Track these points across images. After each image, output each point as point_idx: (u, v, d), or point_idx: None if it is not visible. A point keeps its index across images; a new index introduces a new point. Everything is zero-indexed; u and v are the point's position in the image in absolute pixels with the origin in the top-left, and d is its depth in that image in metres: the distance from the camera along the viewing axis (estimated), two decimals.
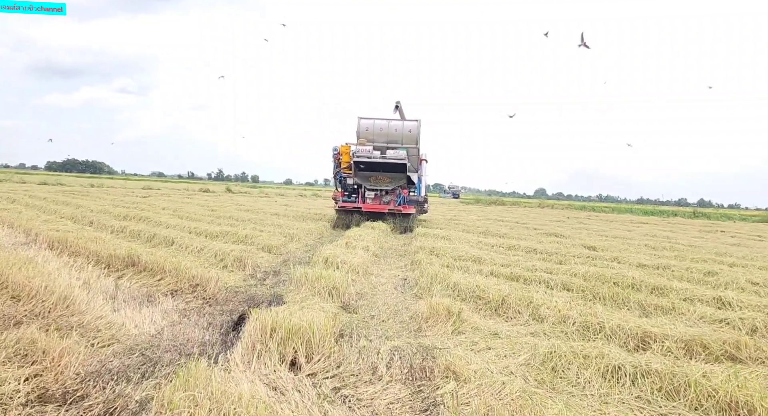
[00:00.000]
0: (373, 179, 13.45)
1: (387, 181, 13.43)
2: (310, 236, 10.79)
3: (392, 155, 12.77)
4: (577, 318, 4.34)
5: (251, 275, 6.37)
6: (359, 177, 13.38)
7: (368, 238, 9.93)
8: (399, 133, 13.66)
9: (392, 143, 13.53)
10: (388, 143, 13.55)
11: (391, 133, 13.66)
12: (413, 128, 13.73)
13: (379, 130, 13.62)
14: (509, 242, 10.26)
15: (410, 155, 13.27)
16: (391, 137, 13.64)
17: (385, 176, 13.32)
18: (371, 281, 6.42)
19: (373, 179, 13.44)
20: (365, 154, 12.77)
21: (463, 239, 10.62)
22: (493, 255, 8.03)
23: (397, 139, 13.63)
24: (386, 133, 13.65)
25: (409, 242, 10.86)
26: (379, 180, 13.44)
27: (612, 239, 12.84)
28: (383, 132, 13.63)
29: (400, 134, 13.66)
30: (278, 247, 8.42)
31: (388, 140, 13.61)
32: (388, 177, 13.35)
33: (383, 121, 13.86)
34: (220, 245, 7.72)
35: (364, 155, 12.75)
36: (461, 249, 8.45)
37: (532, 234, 12.88)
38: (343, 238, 9.78)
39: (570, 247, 10.15)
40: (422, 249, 8.75)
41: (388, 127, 13.70)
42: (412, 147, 13.55)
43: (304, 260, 7.76)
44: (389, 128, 13.69)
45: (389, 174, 13.24)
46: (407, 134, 13.67)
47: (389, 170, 13.08)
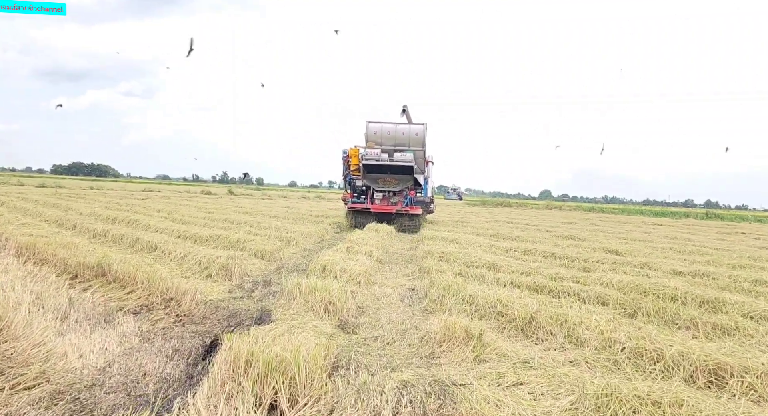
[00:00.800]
0: (381, 180, 13.75)
1: (394, 182, 13.72)
2: (309, 240, 10.04)
3: (399, 158, 13.08)
4: (626, 341, 3.55)
5: (238, 285, 5.61)
6: (368, 179, 13.71)
7: (371, 242, 9.17)
8: (406, 136, 13.89)
9: (399, 146, 13.80)
10: (396, 145, 13.83)
11: (398, 136, 13.90)
12: (420, 131, 13.95)
13: (386, 133, 13.91)
14: (524, 245, 9.46)
15: (417, 157, 13.55)
16: (399, 140, 13.87)
17: (393, 177, 13.61)
18: (374, 292, 5.65)
19: (381, 180, 13.75)
20: (373, 156, 13.10)
21: (474, 243, 9.83)
22: (509, 261, 7.23)
23: (405, 142, 13.87)
24: (394, 136, 13.90)
25: (415, 246, 10.09)
26: (387, 182, 13.75)
27: (632, 242, 12.00)
28: (391, 135, 13.90)
29: (407, 137, 13.88)
30: (273, 252, 7.66)
31: (396, 143, 13.87)
32: (395, 179, 13.63)
33: (391, 124, 14.08)
34: (208, 250, 6.98)
35: (373, 158, 13.08)
36: (473, 254, 7.65)
37: (547, 237, 12.07)
38: (345, 242, 9.02)
39: (591, 251, 9.34)
40: (431, 254, 7.98)
41: (395, 130, 13.96)
42: (418, 150, 13.79)
43: (300, 267, 7.00)
44: (396, 131, 13.95)
45: (397, 176, 13.52)
46: (414, 137, 13.87)
47: (397, 172, 13.38)
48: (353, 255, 7.33)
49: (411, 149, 13.66)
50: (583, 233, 13.64)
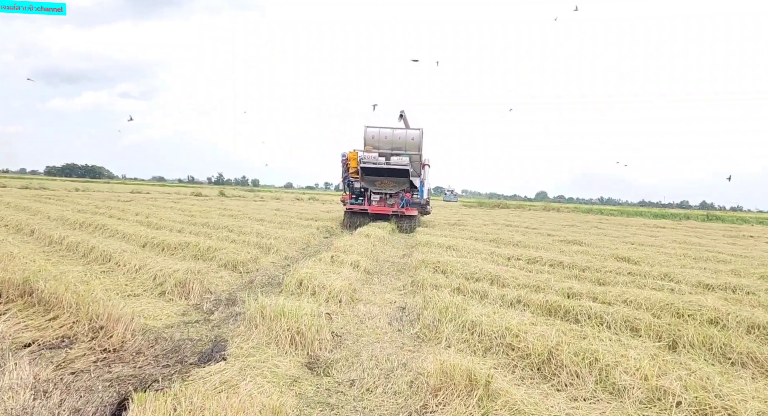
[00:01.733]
0: (378, 183, 14.11)
1: (391, 185, 14.10)
2: (292, 246, 9.15)
3: (396, 161, 13.36)
4: (680, 392, 2.69)
5: (195, 305, 4.72)
6: (366, 181, 14.08)
7: (360, 249, 8.30)
8: (403, 140, 14.18)
9: (396, 150, 14.07)
10: (393, 149, 14.09)
11: (395, 140, 14.19)
12: (416, 136, 14.21)
13: (384, 138, 14.20)
14: (527, 252, 8.61)
15: (413, 160, 13.84)
16: (396, 144, 14.16)
17: (390, 180, 13.94)
18: (358, 312, 4.77)
19: (379, 183, 14.11)
20: (371, 160, 13.40)
21: (473, 250, 8.98)
22: (514, 272, 6.37)
23: (401, 146, 14.14)
24: (391, 140, 14.19)
25: (409, 253, 9.23)
26: (384, 184, 14.13)
27: (641, 247, 11.18)
28: (388, 139, 14.19)
29: (404, 141, 14.17)
30: (247, 263, 6.77)
31: (393, 146, 14.14)
32: (392, 181, 13.98)
33: (388, 129, 14.36)
34: (170, 262, 6.07)
35: (370, 161, 13.38)
36: (473, 264, 6.79)
37: (550, 242, 11.23)
38: (330, 250, 8.14)
39: (601, 259, 8.50)
40: (425, 264, 7.11)
41: (392, 135, 14.25)
42: (414, 154, 14.04)
43: (275, 280, 6.11)
44: (393, 135, 14.24)
45: (393, 179, 13.85)
46: (410, 141, 14.15)
47: (393, 175, 13.68)
48: (337, 266, 6.46)
49: (407, 153, 13.90)
50: (587, 237, 12.81)
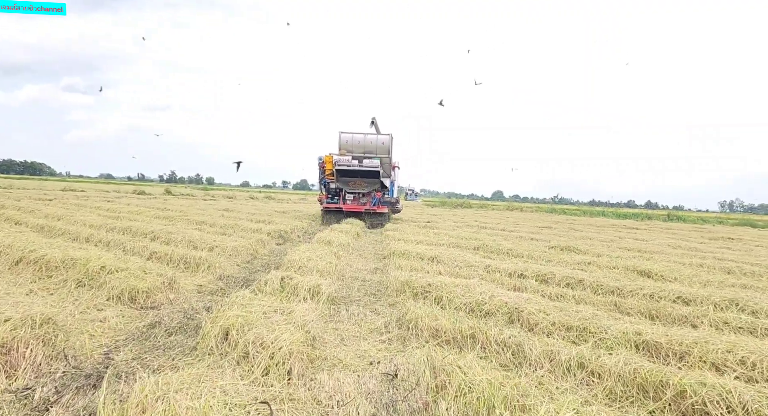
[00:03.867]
0: (352, 183, 15.28)
1: (364, 185, 15.28)
2: (232, 259, 7.03)
3: (368, 164, 14.44)
4: None
5: (20, 391, 2.62)
6: (340, 182, 15.21)
7: (320, 263, 6.31)
8: (374, 144, 15.23)
9: (368, 154, 15.05)
10: (365, 153, 15.10)
11: (367, 145, 15.25)
12: (386, 140, 15.30)
13: (357, 142, 15.29)
14: (530, 266, 6.91)
15: (383, 163, 14.92)
16: (367, 148, 15.21)
17: (362, 181, 15.14)
18: (320, 392, 2.83)
19: (352, 183, 15.28)
20: (345, 162, 14.49)
21: (463, 262, 7.22)
22: (536, 302, 4.59)
23: (372, 150, 15.17)
24: (363, 145, 15.26)
25: (383, 267, 7.36)
26: (357, 185, 15.27)
27: (646, 254, 9.85)
28: (360, 144, 15.27)
29: (375, 145, 15.21)
30: (154, 291, 4.63)
31: (365, 150, 15.19)
32: (364, 182, 15.18)
33: (360, 135, 15.44)
34: (23, 296, 3.88)
35: (344, 164, 14.49)
36: (476, 289, 4.98)
37: (543, 250, 9.69)
38: (281, 267, 6.12)
39: (618, 272, 6.99)
40: (409, 287, 5.26)
41: (364, 140, 15.33)
42: (384, 157, 15.07)
43: (191, 323, 4.04)
44: (365, 140, 15.32)
45: (365, 179, 15.06)
46: (381, 145, 15.21)
47: (365, 176, 14.87)
48: (288, 298, 4.48)
49: (378, 156, 14.85)
50: (577, 243, 11.41)
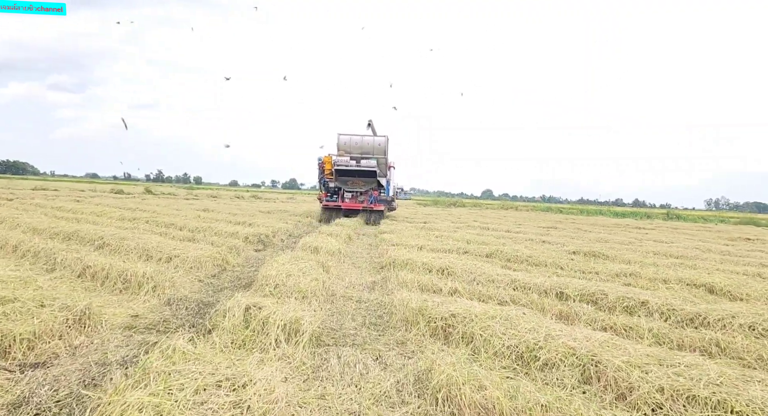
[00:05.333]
0: (350, 182, 15.95)
1: (361, 184, 15.94)
2: (192, 274, 5.57)
3: (365, 164, 15.17)
4: None
5: None
6: (339, 181, 15.89)
7: (304, 280, 4.86)
8: (371, 146, 15.97)
9: (365, 154, 15.77)
10: (362, 154, 15.80)
11: (364, 146, 15.96)
12: (382, 142, 16.10)
13: (354, 144, 15.96)
14: (567, 281, 5.53)
15: (380, 163, 15.66)
16: (365, 149, 15.92)
17: (360, 180, 15.81)
18: None
19: (350, 182, 15.95)
20: (344, 163, 15.21)
21: (480, 275, 5.84)
22: (617, 344, 3.22)
23: (369, 150, 15.88)
24: (360, 146, 15.95)
25: (382, 281, 5.96)
26: (355, 184, 15.95)
27: (684, 260, 8.57)
28: (358, 145, 15.94)
29: (372, 146, 15.95)
30: (58, 334, 3.18)
31: (362, 151, 15.88)
32: (362, 181, 15.85)
33: (358, 136, 16.13)
34: None
35: (343, 164, 15.20)
36: (515, 319, 3.61)
37: (568, 258, 8.33)
38: (251, 288, 4.69)
39: (675, 288, 5.67)
40: (424, 318, 3.89)
41: (362, 141, 16.02)
42: (381, 157, 15.87)
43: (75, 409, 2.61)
44: (363, 142, 16.01)
45: (363, 179, 15.74)
46: (377, 146, 15.97)
47: (363, 176, 15.57)
48: (251, 341, 3.05)
49: (375, 157, 15.57)
50: (599, 247, 10.11)
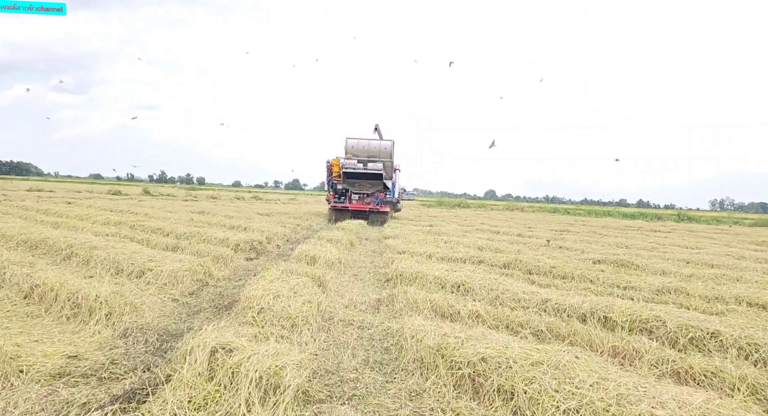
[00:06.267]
0: (357, 184, 16.46)
1: (368, 186, 16.48)
2: (164, 293, 4.68)
3: (372, 167, 15.86)
4: None
5: None
6: (347, 183, 16.39)
7: (298, 302, 4.18)
8: (377, 149, 16.69)
9: (372, 157, 16.46)
10: (369, 157, 16.49)
11: (371, 149, 16.69)
12: (388, 146, 16.78)
13: (362, 147, 16.70)
14: (609, 302, 4.61)
15: (386, 166, 16.28)
16: (371, 153, 16.63)
17: (367, 182, 16.37)
18: None
19: (358, 184, 16.46)
20: (351, 165, 15.85)
21: (503, 293, 4.92)
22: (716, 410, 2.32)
23: (376, 154, 16.59)
24: (367, 149, 16.69)
25: (389, 300, 5.06)
26: (362, 186, 16.47)
27: (726, 271, 7.59)
28: (365, 149, 16.68)
29: (378, 150, 16.68)
30: None
31: (369, 154, 16.59)
32: (369, 183, 16.41)
33: (365, 141, 16.89)
34: None
35: (351, 167, 15.84)
36: (569, 368, 2.70)
37: (596, 270, 7.37)
38: (232, 313, 3.80)
39: (738, 309, 4.73)
40: (444, 362, 3.00)
41: (368, 145, 16.76)
42: (387, 160, 16.50)
43: None
44: (369, 145, 16.76)
45: (369, 181, 16.31)
46: (383, 150, 16.68)
47: (369, 178, 16.17)
48: (221, 397, 2.16)
49: (381, 160, 16.27)
50: (623, 254, 9.17)
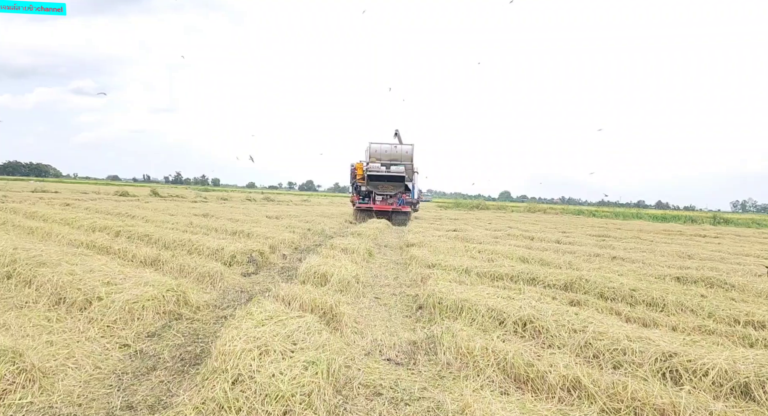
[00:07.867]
0: (380, 186, 17.76)
1: (390, 188, 17.75)
2: (128, 328, 3.31)
3: (394, 170, 17.25)
4: None
5: None
6: (371, 185, 17.71)
7: (293, 372, 2.63)
8: (398, 153, 17.82)
9: (394, 161, 17.56)
10: (391, 160, 17.61)
11: (393, 153, 17.81)
12: (409, 150, 17.91)
13: (384, 151, 17.81)
14: (756, 359, 3.14)
15: (406, 169, 17.42)
16: (393, 156, 17.75)
17: (389, 184, 17.70)
18: None
19: (381, 186, 17.76)
20: (375, 169, 17.29)
21: (600, 341, 3.45)
22: None
23: (397, 157, 17.71)
24: (389, 153, 17.80)
25: (430, 346, 3.68)
26: (385, 187, 17.73)
27: None
28: (387, 153, 17.80)
29: (399, 154, 17.79)
30: None
31: (391, 158, 17.71)
32: (391, 185, 17.72)
33: (387, 145, 18.01)
34: None
35: (375, 170, 17.29)
36: None
37: (665, 283, 5.86)
38: (198, 386, 2.40)
39: None
40: None
41: (391, 149, 17.89)
42: (407, 164, 17.59)
43: None
44: (392, 150, 17.89)
45: (392, 183, 17.67)
46: (404, 154, 17.81)
47: (392, 181, 17.59)
48: None
49: (402, 163, 17.39)
50: (693, 267, 7.60)
